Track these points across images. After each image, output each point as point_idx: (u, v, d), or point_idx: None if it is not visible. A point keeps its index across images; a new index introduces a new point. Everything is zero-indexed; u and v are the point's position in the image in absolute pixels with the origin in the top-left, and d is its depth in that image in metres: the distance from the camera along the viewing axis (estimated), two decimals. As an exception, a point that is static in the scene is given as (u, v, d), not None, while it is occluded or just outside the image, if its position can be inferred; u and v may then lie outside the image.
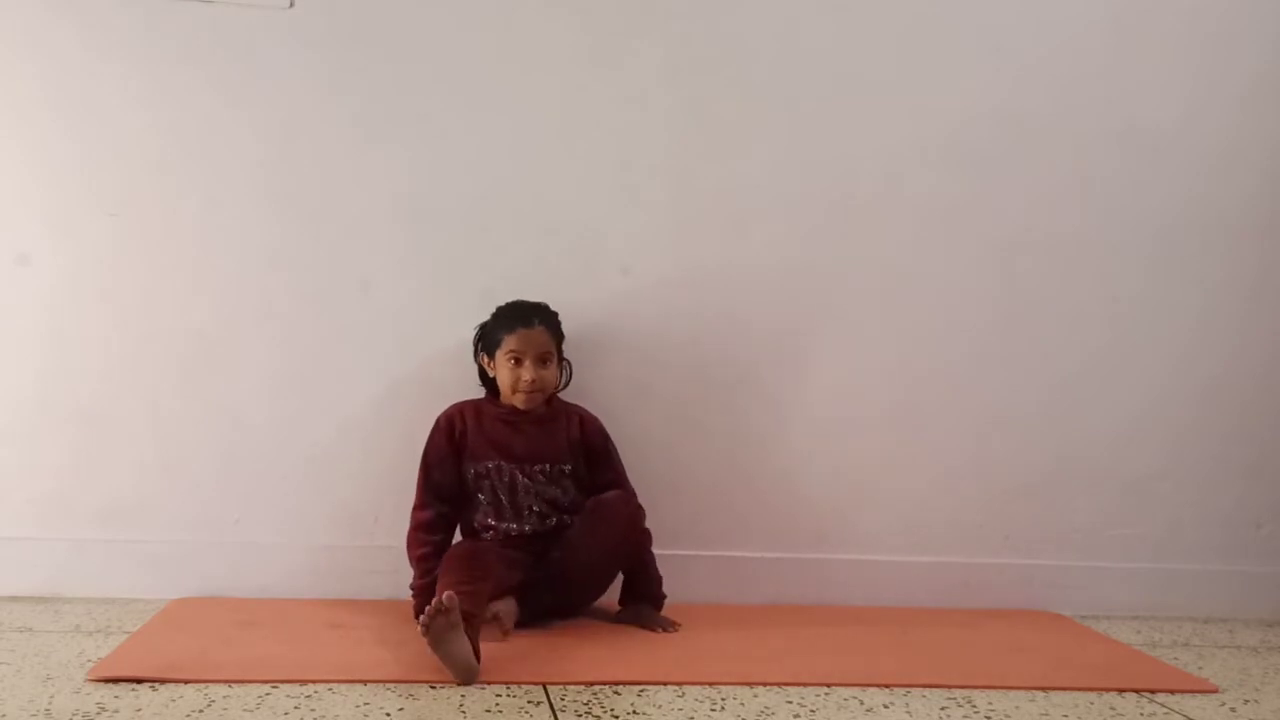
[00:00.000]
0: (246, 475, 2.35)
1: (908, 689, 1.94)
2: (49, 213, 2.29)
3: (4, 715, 1.60)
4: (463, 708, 1.72)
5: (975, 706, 1.88)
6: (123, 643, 1.97)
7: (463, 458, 2.27)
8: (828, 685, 1.93)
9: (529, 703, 1.77)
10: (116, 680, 1.76)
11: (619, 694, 1.83)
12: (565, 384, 2.34)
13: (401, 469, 2.28)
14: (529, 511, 2.25)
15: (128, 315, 2.32)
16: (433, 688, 1.80)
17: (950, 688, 1.96)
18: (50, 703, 1.66)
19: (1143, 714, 1.90)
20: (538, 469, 2.27)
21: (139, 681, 1.76)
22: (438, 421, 2.28)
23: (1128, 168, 2.60)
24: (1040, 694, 1.96)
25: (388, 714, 1.68)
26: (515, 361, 2.24)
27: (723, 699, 1.83)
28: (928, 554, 2.57)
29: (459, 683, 1.82)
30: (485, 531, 2.26)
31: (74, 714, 1.61)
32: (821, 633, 2.28)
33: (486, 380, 2.33)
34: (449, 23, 2.38)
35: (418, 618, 2.15)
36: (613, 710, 1.76)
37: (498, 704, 1.75)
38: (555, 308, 2.30)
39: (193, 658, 1.88)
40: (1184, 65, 2.61)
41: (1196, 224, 2.63)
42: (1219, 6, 2.61)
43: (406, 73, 2.38)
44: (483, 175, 2.40)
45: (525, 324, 2.24)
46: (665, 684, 1.89)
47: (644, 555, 2.30)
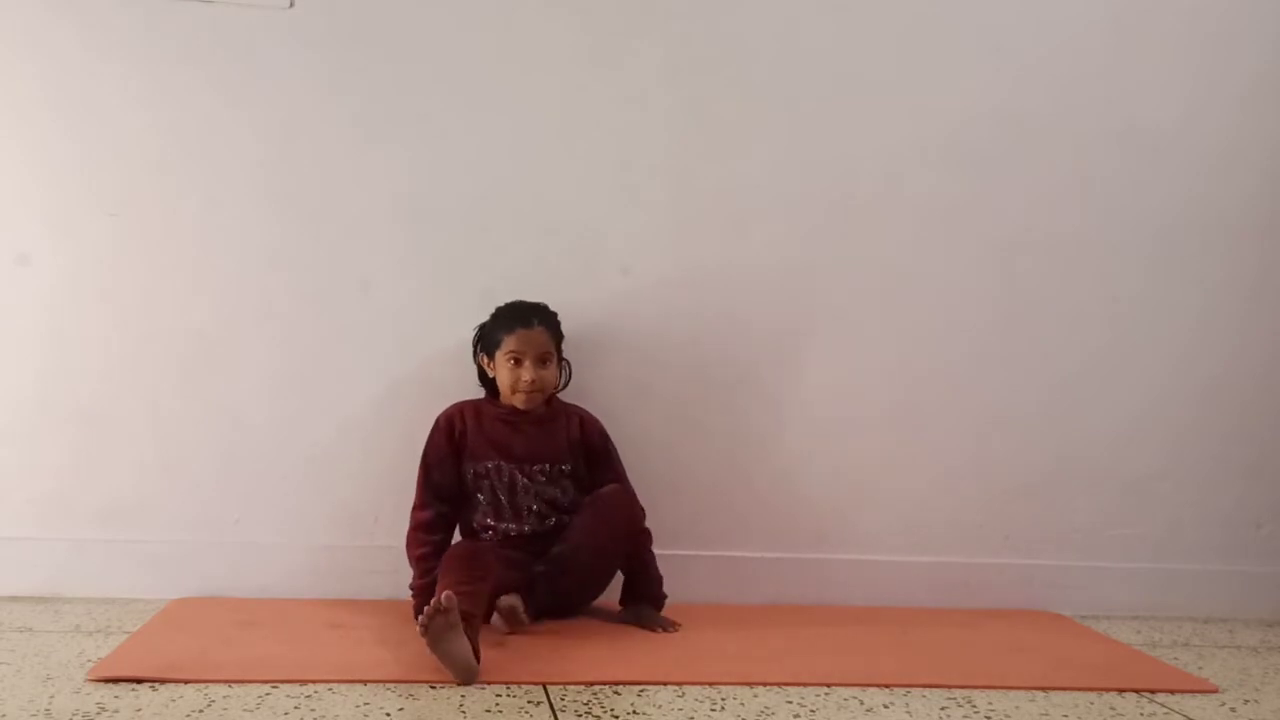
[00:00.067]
0: (246, 475, 2.36)
1: (908, 689, 1.94)
2: (49, 213, 2.29)
3: (4, 715, 1.60)
4: (463, 708, 1.72)
5: (975, 706, 1.88)
6: (123, 643, 1.97)
7: (462, 458, 2.27)
8: (828, 685, 1.93)
9: (529, 703, 1.77)
10: (116, 680, 1.76)
11: (619, 694, 1.83)
12: (565, 384, 2.34)
13: (401, 469, 2.28)
14: (528, 512, 2.26)
15: (128, 315, 2.32)
16: (433, 688, 1.80)
17: (950, 688, 1.96)
18: (50, 703, 1.66)
19: (1143, 714, 1.90)
20: (537, 469, 2.27)
21: (139, 681, 1.76)
22: (437, 421, 2.28)
23: (1128, 168, 2.60)
24: (1040, 694, 1.96)
25: (388, 714, 1.68)
26: (515, 362, 2.24)
27: (723, 699, 1.83)
28: (928, 554, 2.57)
29: (459, 683, 1.82)
30: (485, 531, 2.26)
31: (74, 714, 1.61)
32: (821, 633, 2.28)
33: (486, 381, 2.33)
34: (449, 23, 2.38)
35: (417, 617, 2.16)
36: (613, 710, 1.76)
37: (498, 704, 1.75)
38: (555, 308, 2.30)
39: (193, 658, 1.88)
40: (1184, 65, 2.61)
41: (1196, 224, 2.63)
42: (1219, 6, 2.61)
43: (406, 73, 2.38)
44: (483, 175, 2.40)
45: (525, 324, 2.24)
46: (665, 684, 1.89)
47: (644, 555, 2.30)
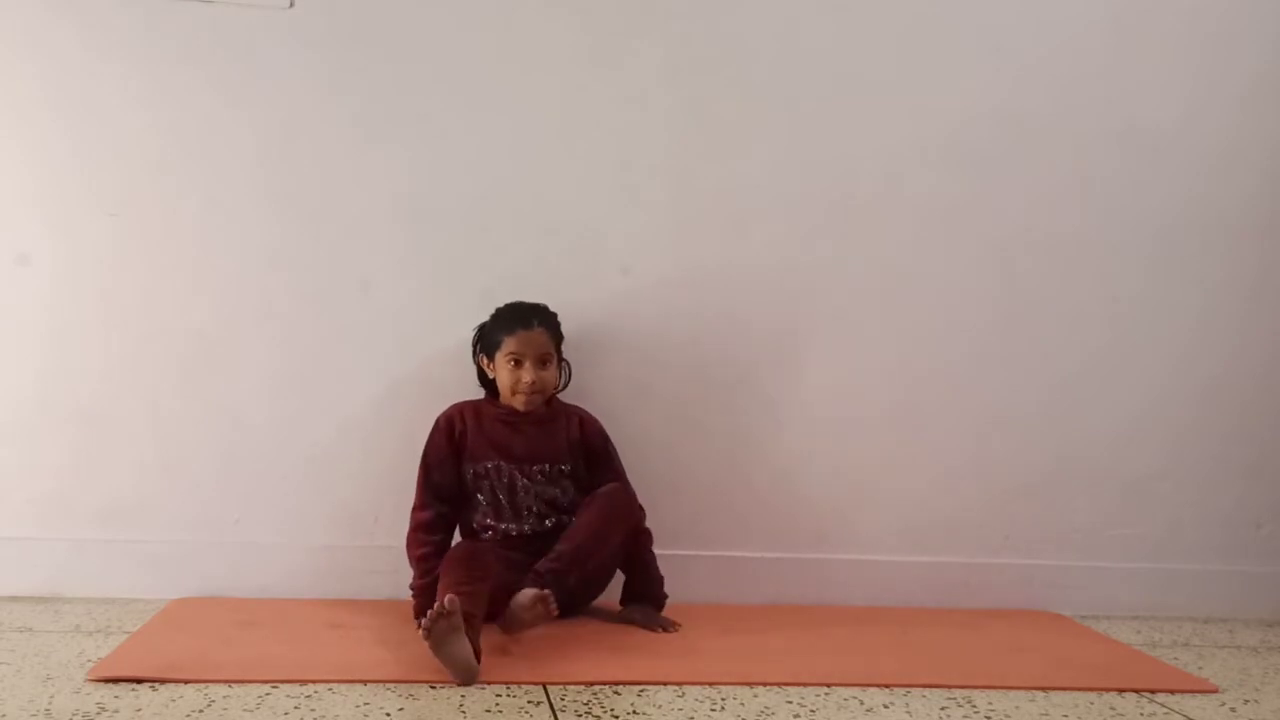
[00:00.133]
0: (246, 475, 2.36)
1: (908, 689, 1.94)
2: (49, 213, 2.29)
3: (4, 715, 1.60)
4: (463, 708, 1.72)
5: (975, 706, 1.88)
6: (123, 643, 1.97)
7: (462, 458, 2.27)
8: (828, 685, 1.93)
9: (529, 703, 1.77)
10: (116, 680, 1.76)
11: (619, 694, 1.83)
12: (565, 385, 2.34)
13: (401, 469, 2.28)
14: (528, 512, 2.25)
15: (128, 315, 2.32)
16: (433, 688, 1.80)
17: (950, 688, 1.96)
18: (50, 703, 1.66)
19: (1143, 714, 1.90)
20: (537, 469, 2.27)
21: (139, 681, 1.76)
22: (437, 422, 2.28)
23: (1128, 168, 2.60)
24: (1040, 694, 1.96)
25: (388, 714, 1.68)
26: (515, 363, 2.24)
27: (723, 699, 1.83)
28: (928, 554, 2.57)
29: (459, 683, 1.82)
30: (485, 532, 2.26)
31: (74, 714, 1.61)
32: (821, 633, 2.28)
33: (486, 381, 2.33)
34: (449, 23, 2.38)
35: (417, 617, 2.16)
36: (613, 710, 1.75)
37: (498, 704, 1.75)
38: (555, 308, 2.30)
39: (193, 658, 1.88)
40: (1184, 65, 2.61)
41: (1196, 224, 2.63)
42: (1219, 6, 2.61)
43: (406, 73, 2.38)
44: (483, 175, 2.40)
45: (525, 326, 2.24)
46: (665, 684, 1.89)
47: (645, 555, 2.30)
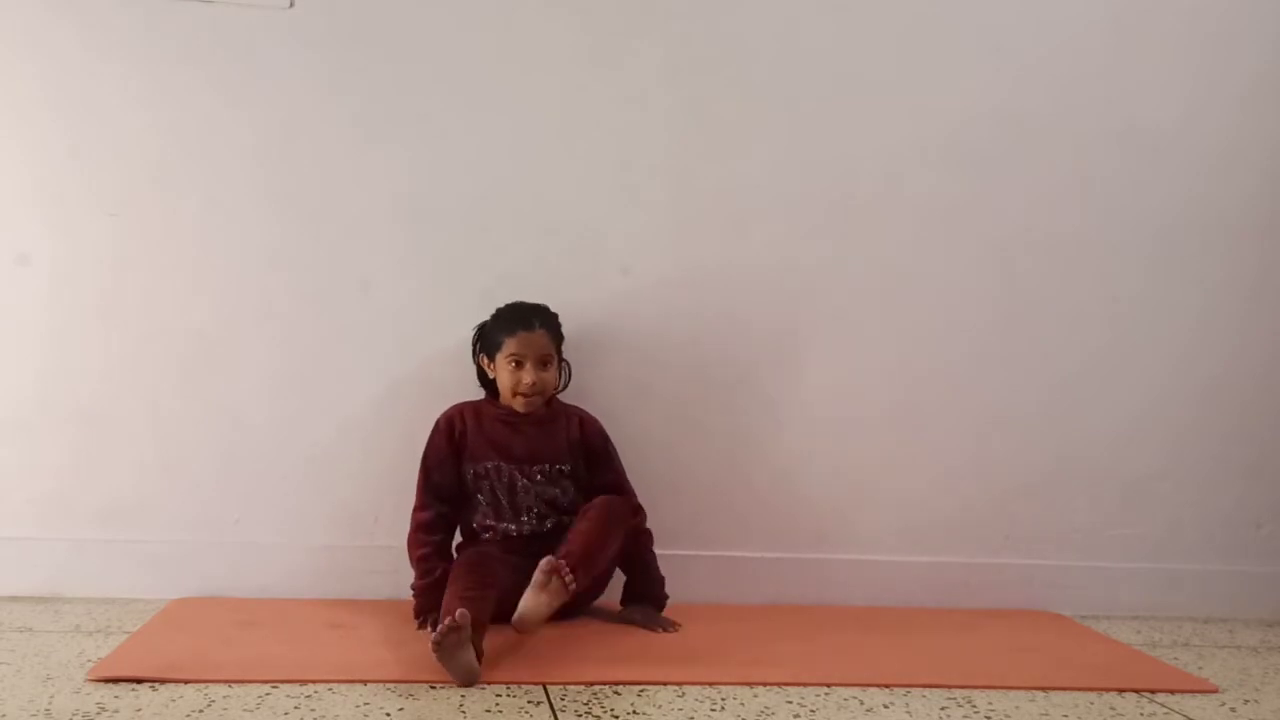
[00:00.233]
0: (246, 475, 2.35)
1: (908, 689, 1.94)
2: (49, 213, 2.29)
3: (4, 715, 1.60)
4: (463, 708, 1.72)
5: (975, 706, 1.88)
6: (123, 643, 1.97)
7: (462, 459, 2.27)
8: (828, 685, 1.93)
9: (529, 703, 1.77)
10: (116, 680, 1.76)
11: (619, 694, 1.83)
12: (565, 385, 2.34)
13: (401, 469, 2.28)
14: (528, 512, 2.25)
15: (128, 315, 2.32)
16: (433, 688, 1.80)
17: (950, 688, 1.96)
18: (50, 703, 1.66)
19: (1143, 714, 1.90)
20: (537, 470, 2.26)
21: (139, 681, 1.76)
22: (438, 423, 2.28)
23: (1128, 168, 2.60)
24: (1040, 694, 1.96)
25: (388, 714, 1.68)
26: (516, 365, 2.23)
27: (723, 699, 1.83)
28: (928, 554, 2.57)
29: (460, 685, 1.81)
30: (485, 532, 2.26)
31: (74, 714, 1.61)
32: (821, 633, 2.28)
33: (485, 381, 2.33)
34: (449, 23, 2.38)
35: (418, 617, 2.17)
36: (613, 710, 1.75)
37: (498, 704, 1.75)
38: (555, 308, 2.30)
39: (193, 658, 1.88)
40: (1184, 65, 2.61)
41: (1196, 224, 2.63)
42: (1219, 6, 2.61)
43: (406, 73, 2.38)
44: (483, 175, 2.40)
45: (526, 327, 2.24)
46: (665, 684, 1.89)
47: (646, 555, 2.30)
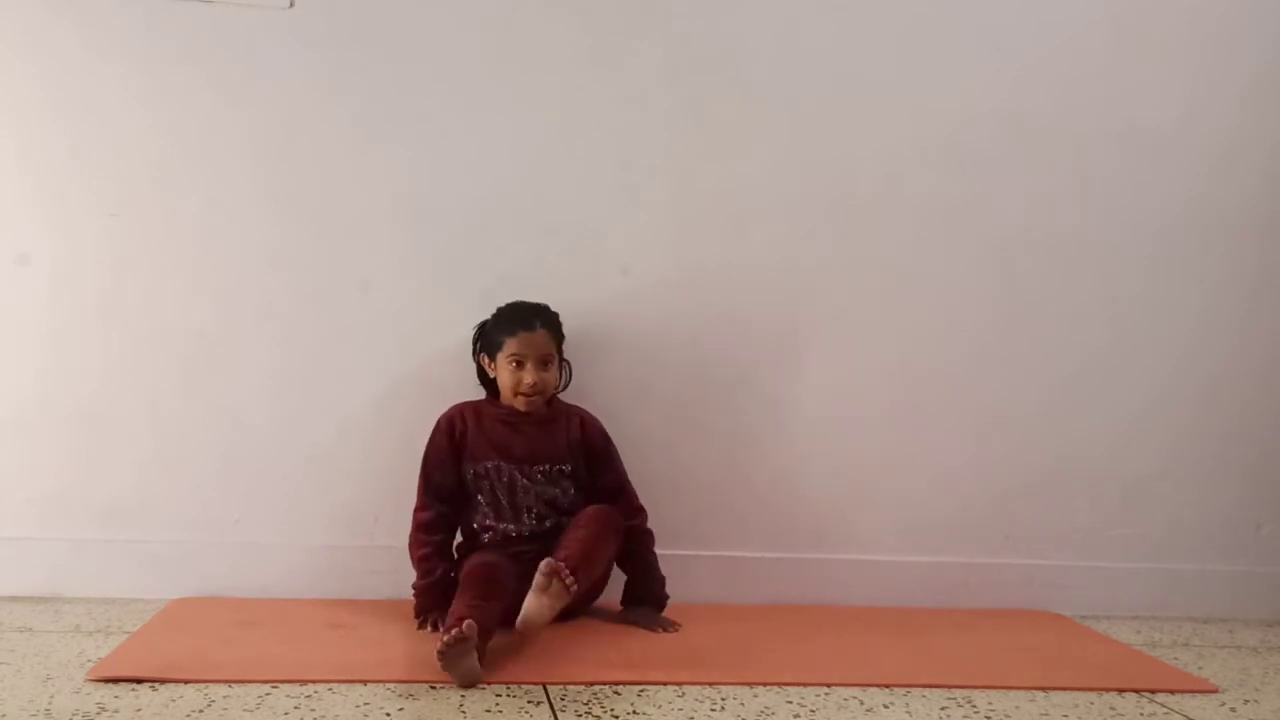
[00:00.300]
0: (246, 475, 2.35)
1: (908, 689, 1.94)
2: (49, 213, 2.29)
3: (4, 715, 1.60)
4: (463, 708, 1.72)
5: (975, 706, 1.88)
6: (123, 643, 1.97)
7: (463, 459, 2.27)
8: (828, 685, 1.93)
9: (529, 703, 1.77)
10: (116, 680, 1.76)
11: (619, 694, 1.83)
12: (565, 385, 2.34)
13: (401, 469, 2.27)
14: (528, 512, 2.25)
15: (128, 315, 2.31)
16: (433, 688, 1.80)
17: (950, 688, 1.96)
18: (50, 703, 1.66)
19: (1143, 714, 1.90)
20: (537, 470, 2.26)
21: (139, 681, 1.76)
22: (438, 423, 2.28)
23: (1128, 168, 2.60)
24: (1040, 694, 1.96)
25: (388, 714, 1.68)
26: (516, 365, 2.23)
27: (723, 699, 1.83)
28: (928, 554, 2.57)
29: (459, 688, 1.81)
30: (485, 533, 2.25)
31: (74, 714, 1.61)
32: (821, 633, 2.28)
33: (486, 380, 2.33)
34: (449, 23, 2.38)
35: (418, 617, 2.17)
36: (613, 710, 1.75)
37: (498, 704, 1.75)
38: (555, 308, 2.30)
39: (193, 658, 1.88)
40: (1184, 65, 2.61)
41: (1196, 224, 2.63)
42: (1219, 6, 2.61)
43: (406, 73, 2.38)
44: (483, 175, 2.40)
45: (527, 327, 2.24)
46: (665, 684, 1.89)
47: (647, 556, 2.30)
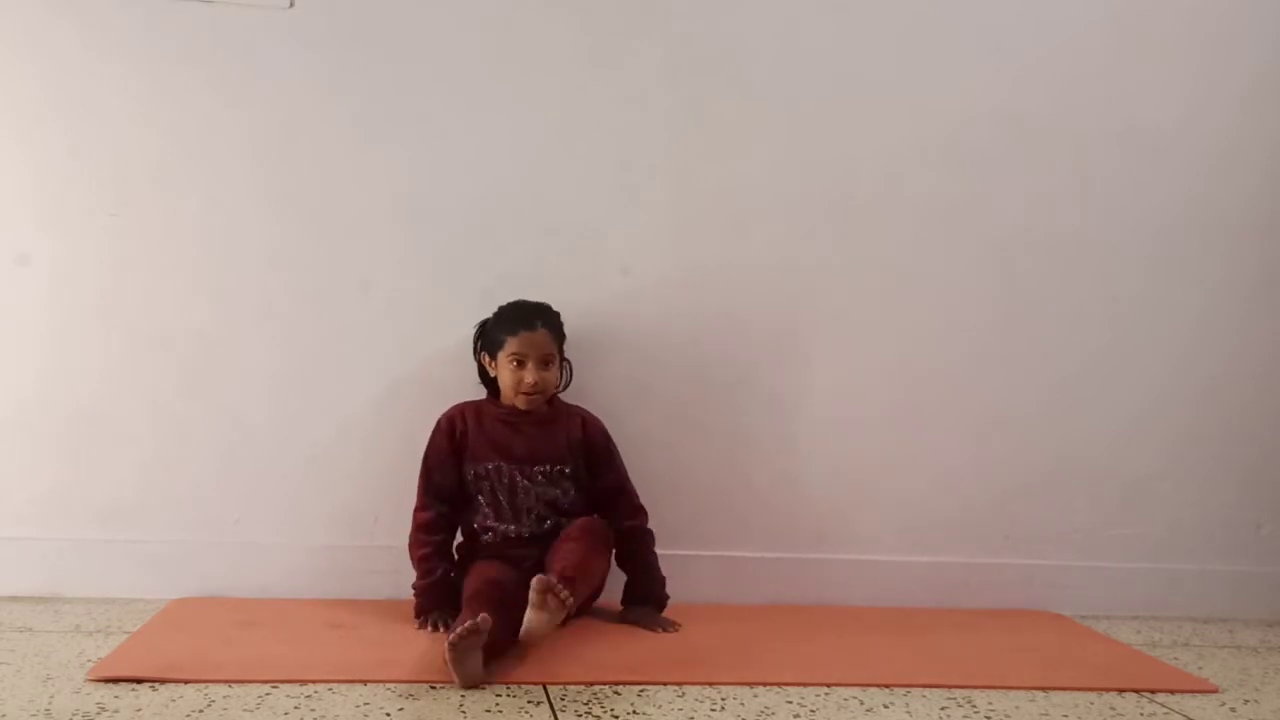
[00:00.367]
0: (246, 475, 2.35)
1: (908, 689, 1.94)
2: (49, 213, 2.29)
3: (4, 715, 1.60)
4: (463, 708, 1.72)
5: (975, 706, 1.88)
6: (123, 643, 1.97)
7: (463, 459, 2.27)
8: (828, 685, 1.93)
9: (529, 703, 1.77)
10: (116, 680, 1.76)
11: (619, 694, 1.83)
12: (566, 385, 2.34)
13: (401, 469, 2.27)
14: (528, 513, 2.25)
15: (128, 315, 2.31)
16: (433, 688, 1.80)
17: (950, 688, 1.96)
18: (50, 703, 1.66)
19: (1143, 714, 1.90)
20: (538, 470, 2.26)
21: (139, 681, 1.76)
22: (439, 423, 2.28)
23: (1128, 168, 2.60)
24: (1040, 694, 1.96)
25: (388, 714, 1.68)
26: (517, 364, 2.23)
27: (723, 699, 1.83)
28: (928, 554, 2.57)
29: (462, 687, 1.81)
30: (485, 533, 2.25)
31: (74, 714, 1.61)
32: (821, 633, 2.28)
33: (486, 379, 2.33)
34: (449, 23, 2.38)
35: (418, 617, 2.17)
36: (613, 710, 1.75)
37: (498, 704, 1.75)
38: (555, 308, 2.30)
39: (193, 658, 1.88)
40: (1184, 65, 2.61)
41: (1196, 224, 2.63)
42: (1219, 6, 2.61)
43: (406, 73, 2.38)
44: (483, 175, 2.40)
45: (528, 327, 2.24)
46: (665, 684, 1.89)
47: (648, 556, 2.30)
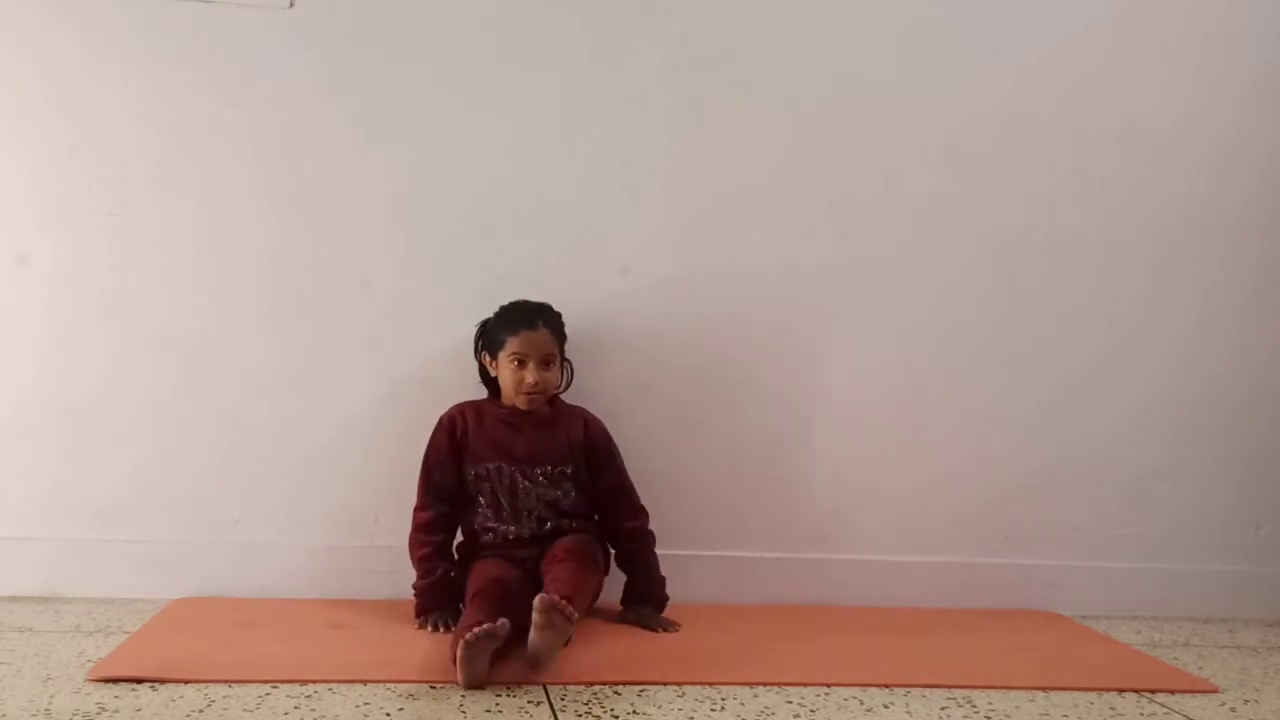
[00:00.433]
0: (246, 475, 2.35)
1: (908, 689, 1.94)
2: (48, 213, 2.29)
3: (4, 715, 1.60)
4: (463, 708, 1.72)
5: (975, 706, 1.88)
6: (123, 643, 1.97)
7: (464, 459, 2.26)
8: (828, 685, 1.93)
9: (529, 703, 1.77)
10: (116, 680, 1.76)
11: (619, 694, 1.83)
12: (567, 385, 2.34)
13: (401, 469, 2.27)
14: (529, 514, 2.25)
15: (128, 315, 2.31)
16: (433, 688, 1.80)
17: (950, 688, 1.96)
18: (50, 703, 1.66)
19: (1143, 714, 1.90)
20: (538, 471, 2.26)
21: (139, 681, 1.76)
22: (439, 422, 2.28)
23: (1128, 168, 2.60)
24: (1040, 694, 1.96)
25: (388, 714, 1.68)
26: (518, 364, 2.23)
27: (723, 699, 1.83)
28: (928, 554, 2.57)
29: (463, 687, 1.81)
30: (485, 534, 2.25)
31: (74, 714, 1.61)
32: (821, 633, 2.28)
33: (487, 379, 2.33)
34: (449, 23, 2.38)
35: (418, 617, 2.17)
36: (613, 710, 1.75)
37: (498, 704, 1.75)
38: (556, 308, 2.30)
39: (193, 658, 1.88)
40: (1184, 65, 2.61)
41: (1196, 224, 2.63)
42: (1219, 6, 2.61)
43: (406, 73, 2.38)
44: (483, 175, 2.40)
45: (529, 326, 2.24)
46: (665, 684, 1.89)
47: (648, 556, 2.30)
